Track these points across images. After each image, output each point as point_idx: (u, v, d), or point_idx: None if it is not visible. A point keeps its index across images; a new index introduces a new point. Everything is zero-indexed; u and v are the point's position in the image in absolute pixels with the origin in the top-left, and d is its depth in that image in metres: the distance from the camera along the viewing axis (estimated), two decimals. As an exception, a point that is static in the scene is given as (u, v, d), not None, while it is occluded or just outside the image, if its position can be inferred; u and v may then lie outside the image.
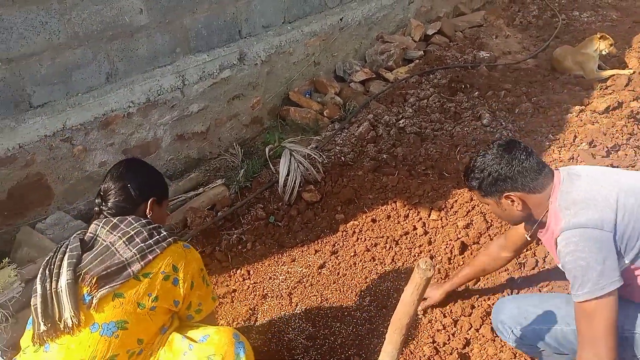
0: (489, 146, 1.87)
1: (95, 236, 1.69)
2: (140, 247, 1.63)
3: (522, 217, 1.87)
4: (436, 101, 4.14)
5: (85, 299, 1.57)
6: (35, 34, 2.69)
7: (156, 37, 3.23)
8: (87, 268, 1.59)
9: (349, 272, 2.72)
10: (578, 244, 1.63)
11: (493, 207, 1.91)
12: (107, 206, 1.77)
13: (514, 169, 1.77)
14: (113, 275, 1.58)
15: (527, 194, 1.78)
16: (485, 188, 1.84)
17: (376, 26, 5.07)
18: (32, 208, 2.84)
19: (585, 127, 3.65)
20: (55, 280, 1.59)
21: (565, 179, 1.78)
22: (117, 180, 1.80)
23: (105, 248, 1.64)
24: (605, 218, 1.63)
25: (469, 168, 1.89)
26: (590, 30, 5.50)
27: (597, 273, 1.59)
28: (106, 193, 1.79)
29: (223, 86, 3.64)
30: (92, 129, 2.96)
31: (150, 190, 1.86)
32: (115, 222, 1.70)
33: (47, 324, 1.54)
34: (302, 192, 3.20)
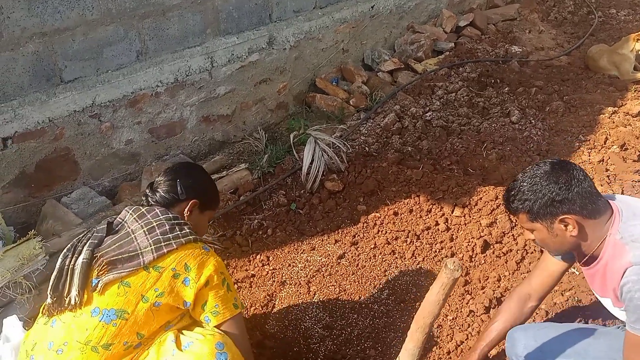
0: (539, 164, 1.71)
1: (123, 222, 1.72)
2: (157, 239, 1.63)
3: (573, 244, 1.72)
4: (465, 95, 4.08)
5: (93, 282, 1.59)
6: (70, 9, 2.70)
7: (187, 17, 3.23)
8: (104, 251, 1.62)
9: (368, 264, 2.71)
10: None
11: (542, 234, 1.72)
12: (154, 197, 1.82)
13: (573, 189, 1.62)
14: (124, 262, 1.59)
15: (585, 219, 1.65)
16: (537, 210, 1.66)
17: (407, 15, 4.99)
18: (59, 182, 2.88)
19: (617, 129, 3.56)
20: (75, 257, 1.62)
21: (623, 209, 1.67)
22: (169, 175, 1.87)
23: (126, 234, 1.66)
24: None
25: (515, 189, 1.71)
26: (627, 29, 5.34)
27: None
28: (157, 184, 1.86)
29: (251, 70, 3.63)
30: (120, 107, 2.98)
31: (197, 192, 1.87)
32: (143, 211, 1.72)
33: (53, 298, 1.58)
34: (325, 181, 3.19)
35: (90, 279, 1.59)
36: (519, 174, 1.75)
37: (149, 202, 1.84)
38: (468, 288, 2.54)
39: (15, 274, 2.24)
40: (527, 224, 1.73)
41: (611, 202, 1.71)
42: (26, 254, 2.31)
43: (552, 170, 1.66)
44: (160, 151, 3.32)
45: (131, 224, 1.69)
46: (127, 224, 1.69)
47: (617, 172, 3.12)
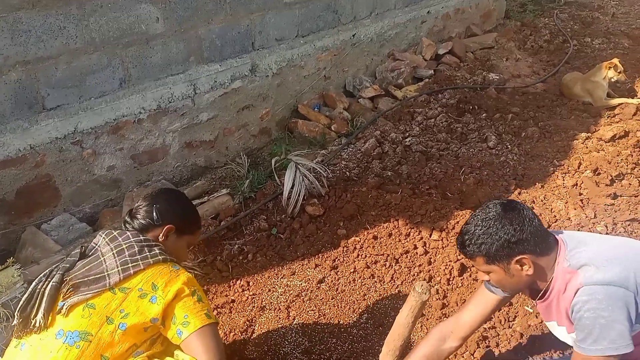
0: (488, 206, 1.71)
1: (97, 247, 1.75)
2: (125, 260, 1.64)
3: (527, 282, 1.75)
4: (443, 121, 4.17)
5: (60, 304, 1.60)
6: (53, 38, 2.75)
7: (171, 46, 3.29)
8: (73, 274, 1.64)
9: (347, 289, 2.73)
10: (602, 302, 1.56)
11: (498, 275, 1.73)
12: (133, 223, 1.85)
13: (527, 229, 1.64)
14: (89, 284, 1.60)
15: (538, 256, 1.68)
16: (494, 253, 1.67)
17: (388, 43, 5.12)
18: (39, 209, 2.89)
19: (590, 154, 3.67)
20: (47, 281, 1.64)
21: (567, 240, 1.72)
22: (147, 200, 1.89)
23: (96, 258, 1.68)
24: (629, 277, 1.59)
25: (470, 233, 1.70)
26: (601, 57, 5.52)
27: (617, 333, 1.55)
28: (137, 209, 1.89)
29: (233, 96, 3.69)
30: (103, 133, 3.01)
31: (173, 217, 1.87)
32: (115, 234, 1.75)
33: (19, 319, 1.59)
34: (306, 206, 3.23)
35: (57, 301, 1.61)
36: (470, 217, 1.77)
37: (127, 228, 1.86)
38: (445, 311, 2.57)
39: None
40: (484, 267, 1.73)
41: (557, 236, 1.76)
42: (4, 281, 2.31)
43: (504, 211, 1.67)
44: (142, 177, 3.35)
45: (103, 247, 1.71)
46: (100, 248, 1.72)
47: (590, 196, 3.21)
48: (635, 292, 1.58)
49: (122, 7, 2.98)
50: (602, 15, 7.04)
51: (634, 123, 4.00)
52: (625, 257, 1.65)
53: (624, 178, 3.38)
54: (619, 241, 1.79)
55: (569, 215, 3.07)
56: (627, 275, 1.59)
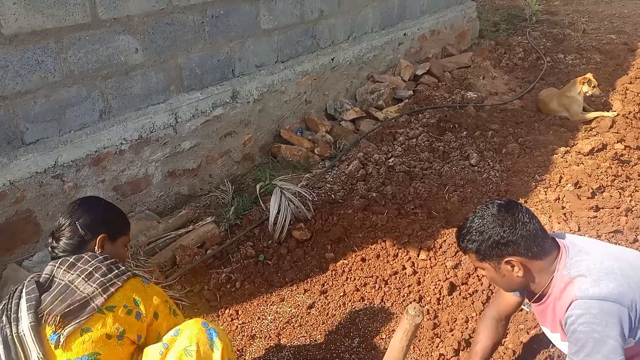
0: (487, 206, 1.76)
1: (52, 277, 1.68)
2: (100, 282, 1.64)
3: (521, 284, 1.79)
4: (425, 140, 4.21)
5: (52, 339, 1.56)
6: (31, 73, 2.73)
7: (150, 76, 3.29)
8: (48, 309, 1.59)
9: (338, 313, 2.71)
10: (596, 317, 1.57)
11: (490, 273, 1.79)
12: (60, 246, 1.79)
13: (517, 232, 1.67)
14: (77, 312, 1.58)
15: (530, 260, 1.70)
16: (483, 252, 1.72)
17: (367, 66, 5.18)
18: (20, 245, 2.82)
19: (570, 168, 3.73)
20: (15, 324, 1.57)
21: (569, 247, 1.73)
22: (67, 218, 1.83)
23: (65, 287, 1.64)
24: (624, 293, 1.60)
25: (465, 229, 1.77)
26: (574, 72, 5.66)
27: (609, 348, 1.56)
28: (58, 231, 1.82)
29: (215, 124, 3.69)
30: (84, 166, 2.98)
31: (100, 227, 1.85)
32: (72, 260, 1.71)
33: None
34: (292, 230, 3.21)
35: (46, 338, 1.56)
36: (471, 213, 1.81)
37: (56, 253, 1.80)
38: (437, 331, 2.56)
39: (-27, 343, 2.16)
40: (477, 263, 1.79)
41: (559, 241, 1.77)
42: (-15, 321, 2.24)
43: (498, 212, 1.71)
44: (125, 208, 3.30)
45: (63, 276, 1.67)
46: (58, 278, 1.67)
47: (573, 210, 3.25)
48: (629, 308, 1.59)
49: (101, 39, 2.97)
50: (573, 31, 7.26)
51: (611, 136, 4.08)
52: (623, 272, 1.65)
53: (604, 190, 3.43)
54: (621, 252, 1.77)
55: (553, 229, 3.10)
56: (622, 291, 1.60)
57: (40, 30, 2.71)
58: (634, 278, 1.65)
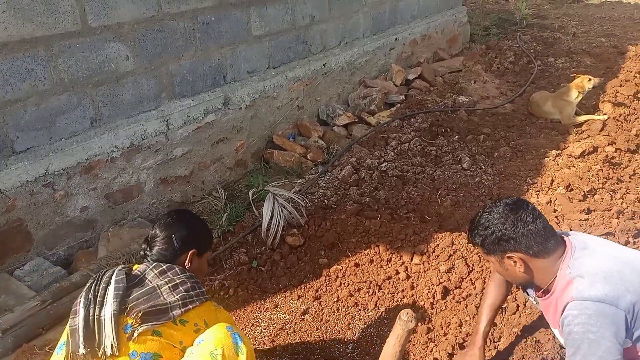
0: (496, 203, 1.86)
1: (143, 275, 1.82)
2: (183, 295, 1.79)
3: (524, 278, 1.87)
4: (417, 145, 4.22)
5: (127, 329, 1.68)
6: (21, 81, 2.71)
7: (141, 83, 3.28)
8: (133, 303, 1.72)
9: (332, 318, 2.70)
10: (591, 317, 1.61)
11: (495, 266, 1.91)
12: (152, 252, 1.93)
13: (518, 230, 1.76)
14: (157, 314, 1.72)
15: (531, 257, 1.78)
16: (487, 246, 1.84)
17: (359, 71, 5.20)
18: (11, 254, 2.80)
19: (562, 171, 3.74)
20: (99, 307, 1.70)
21: (576, 247, 1.78)
22: (163, 230, 1.96)
23: (152, 289, 1.78)
24: (621, 296, 1.63)
25: (474, 224, 1.89)
26: (565, 75, 5.70)
27: (604, 350, 1.59)
28: (152, 240, 1.95)
29: (207, 130, 3.68)
30: (75, 174, 2.96)
31: (193, 242, 1.98)
32: (164, 268, 1.85)
33: (86, 348, 1.63)
34: (286, 236, 3.20)
35: (121, 327, 1.67)
36: (481, 209, 1.93)
37: (146, 257, 1.92)
38: (431, 335, 2.55)
39: (-36, 354, 2.14)
40: (484, 256, 1.91)
41: (567, 239, 1.82)
42: (-24, 332, 2.22)
43: (504, 210, 1.81)
44: (117, 216, 3.29)
45: (153, 279, 1.81)
46: (148, 279, 1.81)
47: (564, 212, 3.26)
48: (626, 311, 1.61)
49: (91, 46, 2.96)
50: (563, 35, 7.31)
51: (601, 139, 4.11)
52: (622, 275, 1.68)
53: (596, 193, 3.45)
54: (628, 255, 1.79)
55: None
56: (618, 294, 1.62)
57: (30, 39, 2.70)
58: (633, 282, 1.67)
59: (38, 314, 2.45)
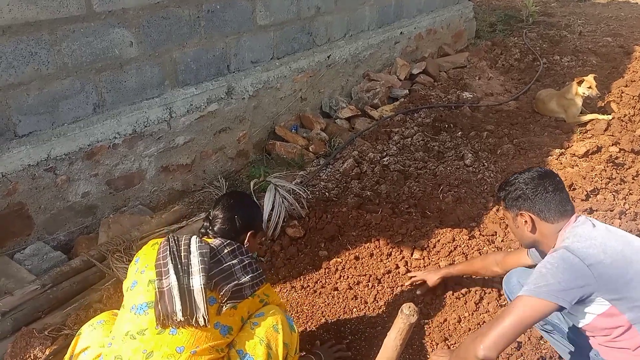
0: (529, 168, 2.07)
1: (217, 250, 1.92)
2: (252, 276, 1.92)
3: (530, 239, 2.04)
4: (420, 140, 4.21)
5: (211, 302, 1.79)
6: (24, 64, 2.70)
7: (145, 70, 3.26)
8: (216, 279, 1.83)
9: (330, 311, 2.70)
10: (554, 257, 1.80)
11: (510, 222, 2.10)
12: (214, 230, 2.03)
13: (537, 194, 1.95)
14: (237, 293, 1.86)
15: (540, 220, 1.96)
16: (508, 201, 2.04)
17: (363, 64, 5.17)
18: (12, 238, 2.80)
19: (565, 170, 3.73)
20: (187, 276, 1.80)
21: (580, 219, 1.92)
22: (226, 211, 2.06)
23: (229, 267, 1.89)
24: (593, 254, 1.75)
25: (505, 181, 2.11)
26: (570, 74, 5.68)
27: (545, 283, 1.74)
28: (214, 219, 2.05)
29: (210, 119, 3.67)
30: (77, 159, 2.95)
31: (252, 224, 2.11)
32: (235, 247, 1.96)
33: (184, 316, 1.72)
34: (286, 228, 3.20)
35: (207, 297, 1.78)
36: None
37: (208, 234, 2.03)
38: (429, 331, 2.55)
39: (-37, 336, 2.14)
40: (503, 211, 2.11)
41: (576, 215, 1.96)
42: (-24, 314, 2.22)
43: (532, 176, 2.01)
44: (118, 203, 3.28)
45: (226, 256, 1.92)
46: (222, 255, 1.91)
47: (566, 211, 3.25)
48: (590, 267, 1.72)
49: (95, 31, 2.95)
50: (569, 33, 7.27)
51: (605, 138, 4.09)
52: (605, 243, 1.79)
53: (598, 193, 3.44)
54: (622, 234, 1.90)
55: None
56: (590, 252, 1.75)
57: (34, 22, 2.68)
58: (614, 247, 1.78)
59: (38, 298, 2.45)
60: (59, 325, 2.39)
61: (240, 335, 1.87)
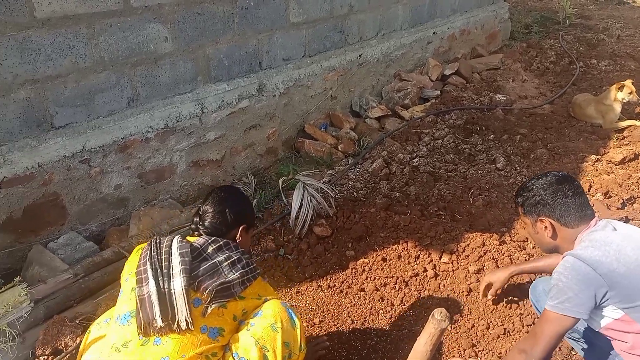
0: (546, 173, 2.06)
1: (202, 249, 1.86)
2: (242, 273, 1.85)
3: (551, 245, 2.02)
4: (451, 142, 4.15)
5: (196, 304, 1.73)
6: (62, 57, 2.75)
7: (179, 65, 3.29)
8: (200, 279, 1.76)
9: (356, 311, 2.68)
10: (566, 269, 1.81)
11: (528, 228, 2.08)
12: (204, 225, 1.97)
13: (557, 199, 1.93)
14: (223, 291, 1.78)
15: (560, 225, 1.94)
16: (526, 207, 2.02)
17: (394, 64, 5.13)
18: (46, 227, 2.86)
19: (600, 177, 3.63)
20: (167, 279, 1.73)
21: (600, 223, 1.92)
22: (217, 205, 2.01)
23: (214, 265, 1.83)
24: (605, 262, 1.76)
25: (522, 186, 2.09)
26: (608, 78, 5.53)
27: (566, 297, 1.78)
28: (205, 214, 2.00)
29: (241, 116, 3.68)
30: (110, 152, 3.00)
31: (244, 218, 2.05)
32: (221, 244, 1.89)
33: (164, 322, 1.66)
34: (314, 226, 3.19)
35: (190, 301, 1.72)
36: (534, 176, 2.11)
37: (199, 231, 1.97)
38: (456, 336, 2.52)
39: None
40: (522, 217, 2.09)
41: (596, 219, 1.95)
42: (11, 300, 2.27)
43: (550, 180, 1.99)
44: (149, 196, 3.32)
45: (212, 254, 1.86)
46: (207, 253, 1.85)
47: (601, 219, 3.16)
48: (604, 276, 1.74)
49: (132, 26, 2.98)
50: (607, 37, 7.09)
51: (643, 145, 3.98)
52: (621, 248, 1.78)
53: (635, 202, 3.34)
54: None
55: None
56: (603, 260, 1.75)
57: (73, 15, 2.73)
58: (629, 255, 1.77)
59: (70, 287, 2.50)
60: (90, 314, 2.43)
61: (236, 337, 1.80)
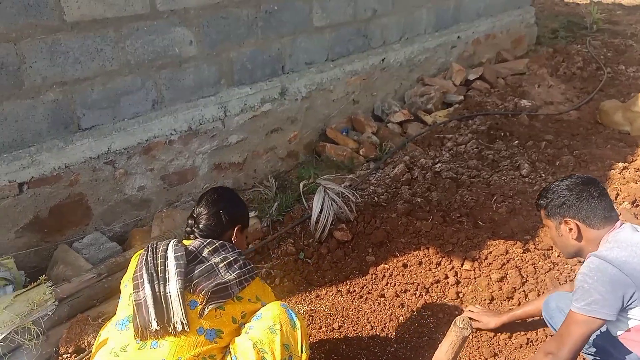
0: (570, 175, 2.05)
1: (197, 251, 1.86)
2: (238, 273, 1.85)
3: (575, 247, 2.00)
4: (474, 147, 4.11)
5: (192, 306, 1.73)
6: (90, 60, 2.80)
7: (202, 68, 3.33)
8: (195, 281, 1.77)
9: (376, 317, 2.67)
10: (591, 270, 1.80)
11: (552, 231, 2.05)
12: (199, 228, 1.97)
13: (582, 200, 1.93)
14: (220, 292, 1.78)
15: (586, 226, 1.93)
16: (550, 209, 2.00)
17: (417, 68, 5.10)
18: (71, 227, 2.91)
19: (628, 185, 3.55)
20: (162, 283, 1.74)
21: (625, 225, 1.92)
22: (211, 206, 2.01)
23: (210, 267, 1.83)
24: (631, 263, 1.76)
25: (544, 188, 2.07)
26: (636, 85, 5.41)
27: (592, 299, 1.77)
28: (199, 216, 1.99)
29: (263, 119, 3.70)
30: (135, 154, 3.04)
31: (238, 218, 2.06)
32: (217, 245, 1.90)
33: (159, 325, 1.67)
34: (334, 231, 3.18)
35: (186, 303, 1.72)
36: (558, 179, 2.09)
37: (195, 234, 1.96)
38: (478, 344, 2.48)
39: (25, 319, 2.24)
40: (545, 220, 2.07)
41: (620, 222, 1.94)
42: (36, 299, 2.31)
43: (575, 182, 1.98)
44: (171, 198, 3.36)
45: (208, 256, 1.86)
46: (203, 255, 1.86)
47: (628, 228, 3.09)
48: (631, 276, 1.73)
49: (157, 30, 3.03)
50: (635, 43, 6.94)
51: (673, 153, 3.88)
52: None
53: (664, 210, 3.26)
54: None
55: (607, 247, 2.96)
56: (629, 261, 1.75)
57: (101, 19, 2.78)
58: None
59: (93, 286, 2.54)
60: (112, 314, 2.45)
61: (235, 340, 1.79)
